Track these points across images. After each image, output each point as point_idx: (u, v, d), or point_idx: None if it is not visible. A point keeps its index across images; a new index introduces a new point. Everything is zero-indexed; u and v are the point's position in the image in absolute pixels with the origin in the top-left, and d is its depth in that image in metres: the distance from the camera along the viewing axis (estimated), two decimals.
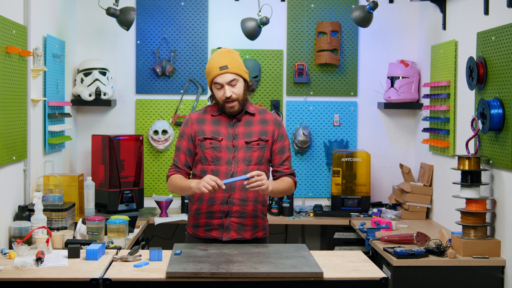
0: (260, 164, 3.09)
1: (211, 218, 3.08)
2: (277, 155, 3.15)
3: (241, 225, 3.08)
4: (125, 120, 5.03)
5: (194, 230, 3.14)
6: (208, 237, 3.09)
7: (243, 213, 3.07)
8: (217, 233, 3.08)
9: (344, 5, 5.03)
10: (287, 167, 3.15)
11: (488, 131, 3.49)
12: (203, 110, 3.18)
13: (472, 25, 3.92)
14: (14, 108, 3.44)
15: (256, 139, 3.09)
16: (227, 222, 3.07)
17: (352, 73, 5.09)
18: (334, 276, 2.62)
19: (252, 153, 3.08)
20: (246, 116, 3.13)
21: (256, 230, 3.12)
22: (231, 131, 3.09)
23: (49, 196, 3.69)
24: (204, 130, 3.10)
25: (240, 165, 3.05)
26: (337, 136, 5.10)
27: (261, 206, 3.14)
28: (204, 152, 3.08)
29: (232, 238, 3.07)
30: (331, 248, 4.58)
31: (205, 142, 3.08)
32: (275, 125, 3.15)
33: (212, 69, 3.06)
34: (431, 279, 3.46)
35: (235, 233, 3.07)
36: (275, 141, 3.14)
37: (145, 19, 4.99)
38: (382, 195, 5.09)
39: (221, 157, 3.06)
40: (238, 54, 3.14)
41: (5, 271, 2.65)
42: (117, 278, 2.57)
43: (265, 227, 3.18)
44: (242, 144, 3.08)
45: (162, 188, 5.03)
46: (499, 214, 3.53)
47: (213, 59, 3.09)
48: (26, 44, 3.64)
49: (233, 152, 3.07)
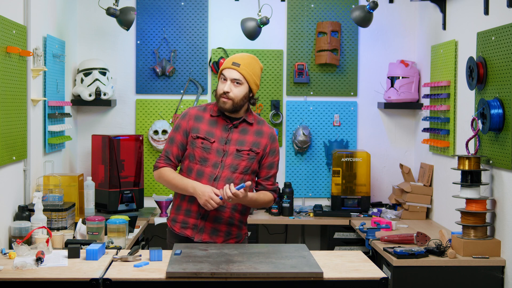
0: (245, 173, 3.09)
1: (188, 216, 3.10)
2: (265, 169, 3.15)
3: (215, 230, 3.08)
4: (125, 120, 5.03)
5: (172, 224, 3.17)
6: (182, 234, 3.11)
7: (218, 219, 3.08)
8: (190, 232, 3.09)
9: (344, 5, 5.03)
10: (271, 183, 3.18)
11: (488, 131, 3.50)
12: (203, 107, 3.18)
13: (472, 25, 3.92)
14: (14, 108, 3.44)
15: (248, 149, 3.09)
16: (202, 224, 3.08)
17: (352, 73, 5.09)
18: (334, 276, 2.62)
19: (240, 162, 3.07)
20: (243, 124, 3.13)
21: (228, 237, 3.12)
22: (225, 135, 3.09)
23: (49, 196, 3.69)
24: (199, 128, 3.10)
25: (226, 170, 3.05)
26: (337, 136, 5.10)
27: (239, 214, 3.13)
28: (194, 150, 3.09)
29: (203, 241, 3.08)
30: (331, 248, 4.58)
31: (197, 141, 3.08)
32: (270, 139, 3.15)
33: (227, 61, 3.11)
34: (431, 279, 3.46)
35: (208, 236, 3.08)
36: (267, 154, 3.14)
37: (145, 19, 4.99)
38: (382, 195, 5.09)
39: (209, 159, 3.06)
40: (260, 68, 3.14)
41: (5, 271, 2.65)
42: (117, 278, 2.57)
43: (239, 235, 3.16)
44: (233, 150, 3.07)
45: (162, 188, 5.02)
46: (499, 214, 3.53)
47: (234, 55, 3.14)
48: (26, 44, 3.65)
49: (222, 156, 3.07)
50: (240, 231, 3.17)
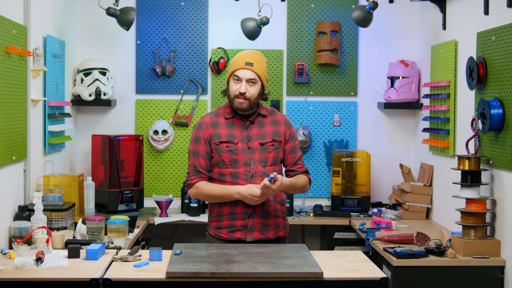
0: (275, 164, 3.13)
1: (234, 219, 3.09)
2: (290, 155, 3.18)
3: (264, 225, 3.10)
4: (125, 120, 5.03)
5: (217, 231, 3.13)
6: (232, 238, 3.10)
7: (265, 213, 3.09)
8: (240, 234, 3.09)
9: (344, 5, 5.03)
10: (301, 166, 3.20)
11: (488, 131, 3.49)
12: (215, 113, 3.19)
13: (472, 25, 3.92)
14: (14, 108, 3.44)
15: (270, 140, 3.13)
16: (251, 223, 3.08)
17: (352, 73, 5.09)
18: (334, 276, 2.62)
19: (268, 154, 3.11)
20: (259, 118, 3.16)
21: (278, 229, 3.15)
22: (245, 133, 3.11)
23: (49, 196, 3.69)
24: (219, 133, 3.11)
25: (258, 166, 3.08)
26: (337, 136, 5.10)
27: (280, 205, 3.17)
28: (221, 155, 3.09)
29: (256, 239, 3.09)
30: (331, 248, 4.58)
31: (222, 146, 3.09)
32: (286, 125, 3.20)
33: (238, 62, 3.09)
34: (431, 279, 3.46)
35: (259, 233, 3.09)
36: (287, 141, 3.18)
37: (145, 19, 4.99)
38: (382, 195, 5.09)
39: (239, 160, 3.08)
40: (266, 62, 3.19)
41: (5, 271, 2.65)
42: (117, 278, 2.57)
43: (285, 226, 3.21)
44: (257, 145, 3.10)
45: (162, 188, 5.02)
46: (499, 214, 3.53)
47: (243, 54, 3.13)
48: (26, 44, 3.64)
49: (250, 154, 3.09)
50: (285, 221, 3.20)
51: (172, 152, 5.02)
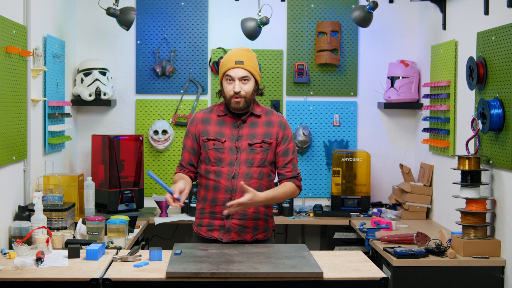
0: (262, 166, 3.08)
1: (213, 218, 3.09)
2: (281, 158, 3.12)
3: (242, 227, 3.07)
4: (125, 120, 5.03)
5: (198, 229, 3.15)
6: (209, 237, 3.10)
7: (244, 215, 3.07)
8: (218, 234, 3.08)
9: (344, 5, 5.03)
10: (289, 170, 3.11)
11: (488, 131, 3.50)
12: (210, 109, 3.19)
13: (472, 25, 3.92)
14: (14, 108, 3.44)
15: (259, 141, 3.08)
16: (228, 224, 3.06)
17: (352, 73, 5.09)
18: (334, 276, 2.62)
19: (255, 155, 3.07)
20: (252, 118, 3.12)
21: (256, 232, 3.11)
22: (235, 132, 3.09)
23: (49, 196, 3.69)
24: (208, 130, 3.11)
25: (242, 167, 3.05)
26: (337, 136, 5.10)
27: (264, 207, 3.12)
28: (208, 153, 3.09)
29: (232, 240, 3.06)
30: (331, 248, 4.58)
31: (209, 143, 3.09)
32: (280, 127, 3.13)
33: (227, 62, 3.07)
34: (431, 279, 3.46)
35: (236, 234, 3.07)
36: (279, 143, 3.12)
37: (145, 19, 4.99)
38: (382, 195, 5.09)
39: (224, 159, 3.06)
40: (256, 57, 3.16)
41: (5, 271, 2.65)
42: (117, 278, 2.57)
43: (266, 229, 3.15)
44: (245, 146, 3.07)
45: (162, 188, 5.02)
46: (499, 214, 3.53)
47: (231, 53, 3.10)
48: (26, 44, 3.65)
49: (236, 153, 3.06)
50: (267, 224, 3.15)
51: (172, 152, 5.02)
